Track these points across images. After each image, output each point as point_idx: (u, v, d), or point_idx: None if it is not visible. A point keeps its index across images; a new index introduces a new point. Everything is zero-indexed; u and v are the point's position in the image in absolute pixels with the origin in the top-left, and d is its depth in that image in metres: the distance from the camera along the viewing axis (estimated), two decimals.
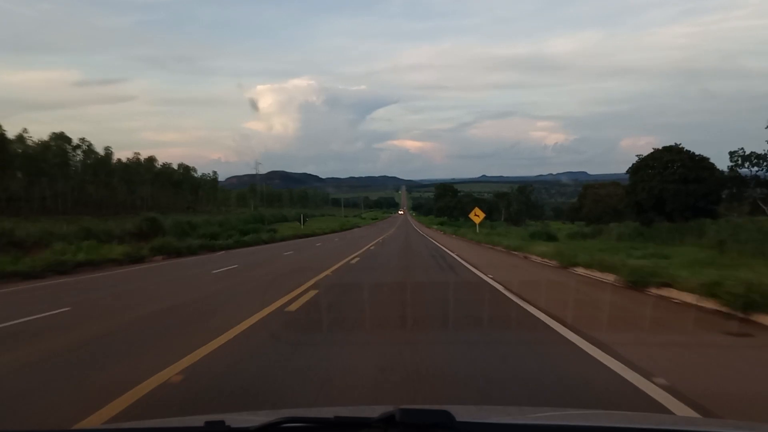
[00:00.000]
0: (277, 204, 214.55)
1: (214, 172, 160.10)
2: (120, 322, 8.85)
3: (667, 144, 43.79)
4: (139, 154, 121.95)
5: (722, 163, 48.91)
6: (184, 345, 6.56)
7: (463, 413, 1.83)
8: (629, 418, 2.52)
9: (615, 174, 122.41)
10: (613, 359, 5.64)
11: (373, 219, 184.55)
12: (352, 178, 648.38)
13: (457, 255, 25.24)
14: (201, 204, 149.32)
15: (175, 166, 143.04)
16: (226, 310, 9.67)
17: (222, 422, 1.76)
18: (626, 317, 8.49)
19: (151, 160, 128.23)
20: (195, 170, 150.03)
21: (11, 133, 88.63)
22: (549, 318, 8.17)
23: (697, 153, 42.41)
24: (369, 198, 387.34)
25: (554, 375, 5.26)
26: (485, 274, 15.33)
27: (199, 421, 1.81)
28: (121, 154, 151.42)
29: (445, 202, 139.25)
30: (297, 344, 6.79)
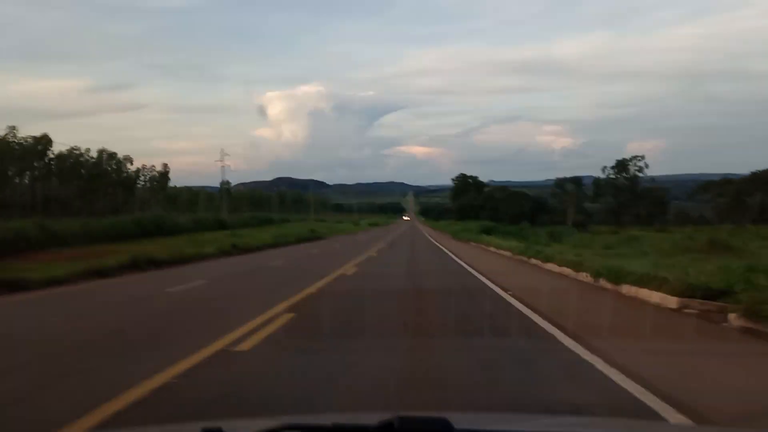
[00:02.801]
0: (266, 208, 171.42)
1: (165, 165, 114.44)
2: None
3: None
4: (14, 128, 76.42)
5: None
6: None
7: (461, 420, 1.70)
8: (628, 426, 2.42)
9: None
10: None
11: (371, 225, 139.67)
12: (359, 185, 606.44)
13: None
14: (147, 207, 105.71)
15: (94, 154, 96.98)
16: None
17: (219, 428, 1.65)
18: None
19: (42, 141, 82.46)
20: (130, 161, 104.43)
21: None
22: None
23: None
24: (374, 203, 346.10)
25: None
26: None
27: (195, 427, 1.71)
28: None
29: (468, 199, 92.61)
30: None
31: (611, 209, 64.73)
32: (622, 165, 65.84)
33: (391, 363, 5.58)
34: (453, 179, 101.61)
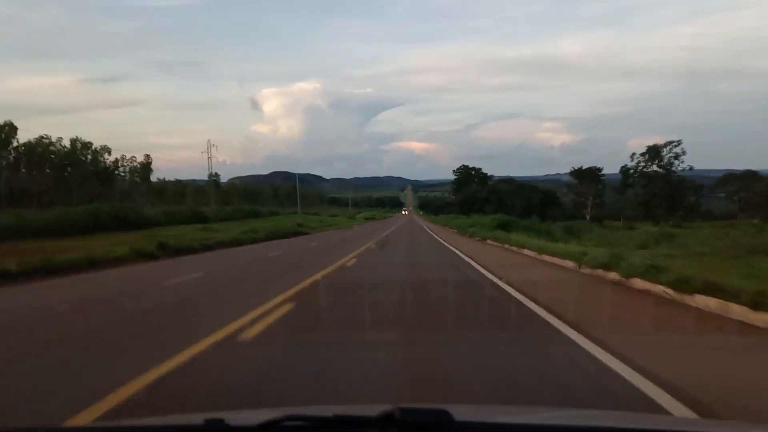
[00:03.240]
0: (259, 201, 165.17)
1: (147, 156, 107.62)
2: None
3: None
4: None
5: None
6: None
7: (462, 412, 1.69)
8: (628, 419, 2.34)
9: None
10: None
11: (368, 219, 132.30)
12: (357, 179, 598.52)
13: None
14: (130, 199, 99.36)
15: (67, 144, 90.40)
16: None
17: (221, 420, 1.65)
18: None
19: (5, 128, 75.66)
20: (108, 151, 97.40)
21: None
22: None
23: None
24: (372, 197, 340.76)
25: None
26: None
27: (198, 419, 1.70)
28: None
29: (471, 192, 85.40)
30: None
31: (642, 202, 56.91)
32: (655, 151, 57.21)
33: None
34: (454, 171, 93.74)
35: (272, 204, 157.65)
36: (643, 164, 57.56)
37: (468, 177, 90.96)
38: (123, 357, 5.38)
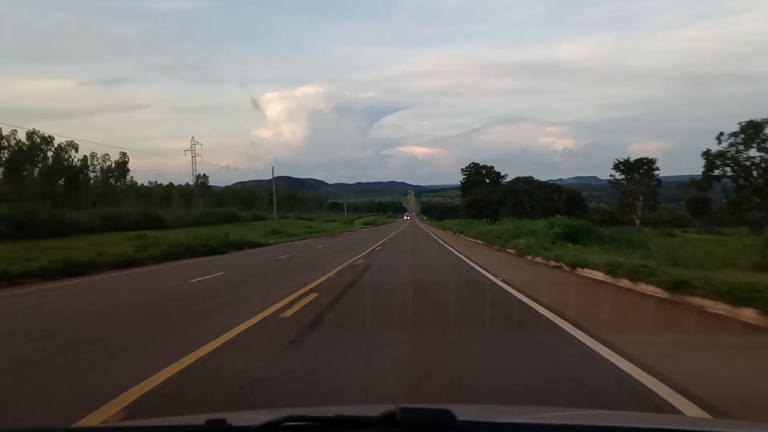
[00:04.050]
0: (256, 206, 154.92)
1: (122, 155, 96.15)
2: None
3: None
4: None
5: None
6: None
7: (464, 412, 1.68)
8: (632, 418, 2.29)
9: None
10: None
11: (366, 224, 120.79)
12: (359, 184, 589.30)
13: None
14: (110, 201, 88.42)
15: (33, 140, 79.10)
16: None
17: (223, 421, 1.63)
18: None
19: None
20: (74, 148, 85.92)
21: None
22: None
23: None
24: (374, 202, 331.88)
25: None
26: None
27: (200, 419, 1.69)
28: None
29: (483, 193, 72.90)
30: None
31: (732, 202, 43.89)
32: (755, 128, 41.39)
33: None
34: (463, 170, 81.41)
35: (270, 209, 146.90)
36: (734, 148, 43.05)
37: (478, 177, 78.60)
38: None
